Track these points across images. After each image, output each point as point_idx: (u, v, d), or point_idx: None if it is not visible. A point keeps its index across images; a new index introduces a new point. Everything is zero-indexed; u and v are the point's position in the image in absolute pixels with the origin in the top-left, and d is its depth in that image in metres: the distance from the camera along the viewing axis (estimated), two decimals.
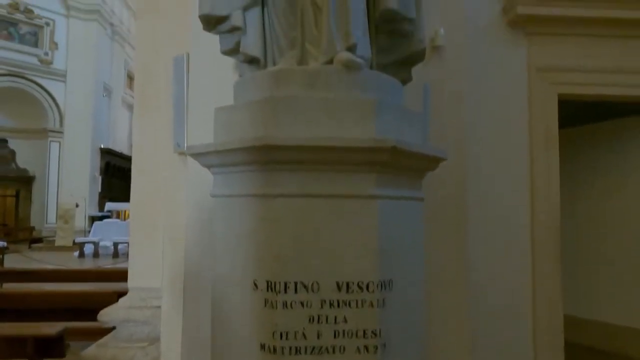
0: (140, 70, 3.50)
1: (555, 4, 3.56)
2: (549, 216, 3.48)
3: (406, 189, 1.77)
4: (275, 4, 1.91)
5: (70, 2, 15.75)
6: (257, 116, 1.63)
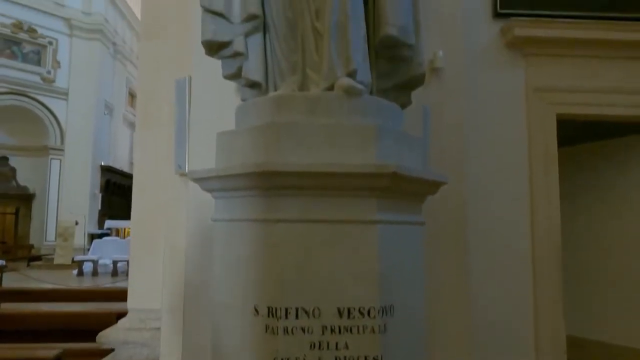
0: (143, 92, 3.54)
1: (552, 26, 3.61)
2: (549, 236, 3.48)
3: (407, 214, 1.78)
4: (277, 30, 1.94)
5: (73, 22, 15.95)
6: (259, 142, 1.64)
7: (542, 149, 3.57)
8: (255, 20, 1.94)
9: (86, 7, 16.39)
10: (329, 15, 1.73)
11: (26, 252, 15.22)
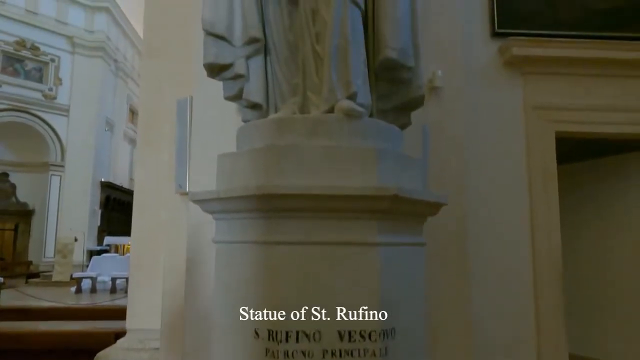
0: (144, 111, 3.56)
1: (550, 45, 3.65)
2: (550, 254, 3.47)
3: (407, 235, 1.78)
4: (278, 53, 1.97)
5: (76, 39, 16.11)
6: (259, 164, 1.65)
7: (541, 167, 3.58)
8: (257, 43, 1.97)
9: (89, 25, 16.58)
10: (330, 39, 1.76)
11: (24, 269, 15.13)
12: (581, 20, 3.80)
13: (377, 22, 1.92)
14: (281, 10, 1.97)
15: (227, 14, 1.95)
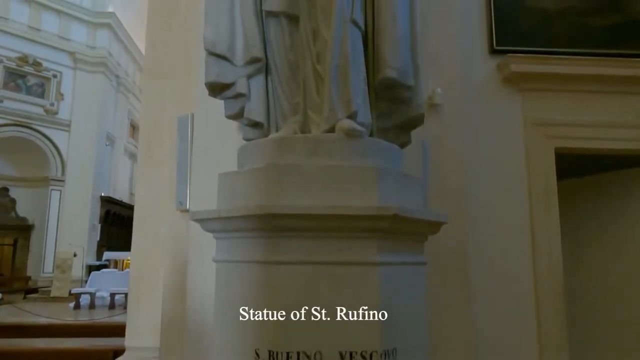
0: (145, 128, 3.58)
1: (548, 62, 3.68)
2: (551, 271, 3.45)
3: (408, 255, 1.77)
4: (279, 72, 1.99)
5: (78, 55, 16.26)
6: (260, 183, 1.65)
7: (541, 183, 3.59)
8: (258, 62, 1.99)
9: (91, 41, 16.75)
10: (330, 58, 1.77)
11: (23, 284, 15.05)
12: (579, 37, 3.84)
13: (377, 42, 1.94)
14: (282, 31, 1.99)
15: (229, 34, 1.97)
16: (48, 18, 15.75)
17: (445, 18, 3.17)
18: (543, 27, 3.82)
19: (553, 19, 3.85)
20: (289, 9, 1.98)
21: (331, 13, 1.80)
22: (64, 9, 15.94)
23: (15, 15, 14.97)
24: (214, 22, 1.98)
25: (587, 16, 3.89)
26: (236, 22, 1.99)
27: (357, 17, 1.88)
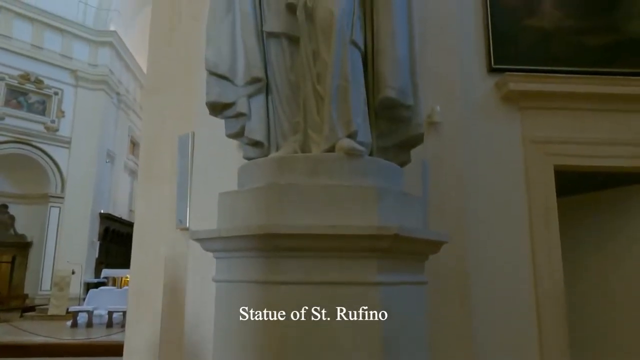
0: (146, 146, 3.59)
1: (546, 80, 3.71)
2: (553, 290, 3.43)
3: (409, 274, 1.77)
4: (279, 92, 2.01)
5: (79, 73, 16.39)
6: (261, 203, 1.65)
7: (541, 200, 3.59)
8: (259, 82, 2.01)
9: (92, 59, 16.90)
10: (330, 79, 1.79)
11: (20, 303, 14.90)
12: (576, 56, 3.88)
13: (376, 62, 1.97)
14: (283, 51, 2.02)
15: (230, 55, 2.00)
16: (51, 36, 15.91)
17: (443, 37, 3.21)
18: (540, 46, 3.86)
19: (550, 38, 3.90)
20: (289, 30, 2.01)
21: (331, 34, 1.82)
22: (67, 27, 16.12)
23: (18, 34, 15.13)
24: (216, 43, 2.01)
25: (584, 35, 3.94)
26: (237, 43, 2.02)
27: (357, 38, 1.90)
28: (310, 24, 1.91)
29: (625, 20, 3.94)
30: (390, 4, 1.96)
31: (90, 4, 16.65)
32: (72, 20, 16.23)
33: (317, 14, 1.87)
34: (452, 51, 3.25)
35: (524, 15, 3.89)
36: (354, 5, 1.92)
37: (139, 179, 3.62)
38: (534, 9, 3.92)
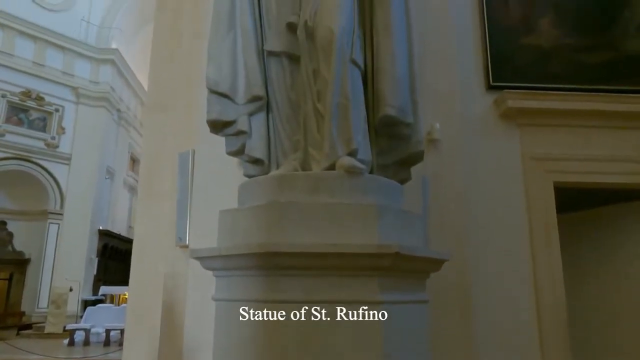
0: (146, 163, 3.59)
1: (544, 98, 3.74)
2: (554, 307, 3.40)
3: (410, 293, 1.75)
4: (280, 110, 2.02)
5: (81, 90, 16.49)
6: (261, 221, 1.65)
7: (542, 216, 3.58)
8: (259, 101, 2.02)
9: (94, 76, 17.02)
10: (330, 97, 1.80)
11: (17, 320, 14.73)
12: (573, 73, 3.92)
13: (376, 80, 1.98)
14: (283, 70, 2.04)
15: (231, 73, 2.02)
16: (53, 54, 16.04)
17: (442, 55, 3.24)
18: (538, 64, 3.90)
19: (548, 56, 3.94)
20: (290, 49, 2.03)
21: (331, 53, 1.84)
22: (69, 45, 16.26)
23: (20, 51, 15.25)
24: (217, 61, 2.02)
25: (582, 53, 3.98)
26: (238, 61, 2.04)
27: (357, 57, 1.92)
28: (311, 43, 1.93)
29: (622, 38, 3.99)
30: (389, 23, 1.98)
31: (93, 23, 16.83)
32: (75, 38, 16.40)
33: (318, 33, 1.89)
34: (451, 69, 3.27)
35: (522, 34, 3.94)
36: (354, 24, 1.95)
37: (139, 196, 3.62)
38: (532, 28, 3.97)
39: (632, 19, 4.02)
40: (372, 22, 2.04)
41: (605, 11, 4.02)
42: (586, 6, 4.00)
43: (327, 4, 1.93)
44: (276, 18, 2.07)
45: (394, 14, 2.00)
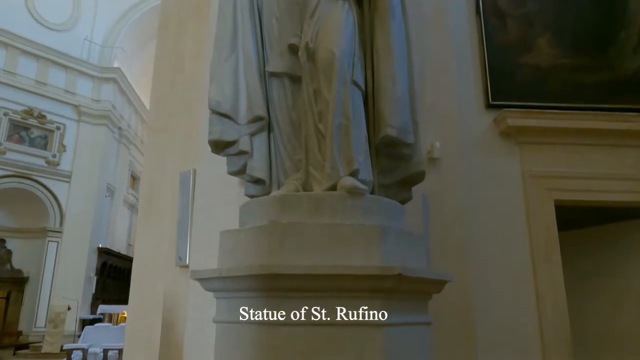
0: (147, 182, 3.60)
1: (543, 116, 3.76)
2: (557, 325, 3.37)
3: (412, 314, 1.73)
4: (281, 131, 2.04)
5: (82, 108, 16.59)
6: (263, 242, 1.64)
7: (543, 234, 3.57)
8: (261, 121, 2.04)
9: (95, 94, 17.12)
10: (332, 118, 1.81)
11: (14, 340, 14.55)
12: (571, 92, 3.95)
13: (377, 100, 2.00)
14: (285, 91, 2.06)
15: (233, 94, 2.03)
16: (55, 73, 16.16)
17: (441, 74, 3.27)
18: (537, 83, 3.94)
19: (546, 75, 3.98)
20: (291, 70, 2.05)
21: (332, 74, 1.86)
22: (71, 64, 16.41)
23: (22, 70, 15.37)
24: (219, 82, 2.04)
25: (579, 72, 4.03)
26: (240, 82, 2.06)
27: (358, 77, 1.94)
28: (312, 64, 1.95)
29: (618, 58, 4.04)
30: (390, 45, 2.01)
31: (95, 42, 17.02)
32: (77, 57, 16.55)
33: (319, 55, 1.92)
34: (450, 88, 3.30)
35: (520, 53, 3.99)
36: (355, 46, 1.97)
37: (139, 215, 3.61)
38: (530, 47, 4.02)
39: (628, 39, 4.07)
40: (373, 43, 2.06)
41: (601, 32, 4.08)
42: (583, 27, 4.06)
43: (328, 26, 1.96)
44: (278, 40, 2.10)
45: (393, 35, 2.02)
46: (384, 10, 2.03)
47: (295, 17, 2.09)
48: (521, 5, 4.07)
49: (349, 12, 2.00)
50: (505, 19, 4.01)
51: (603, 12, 4.13)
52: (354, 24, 2.00)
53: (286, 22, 2.09)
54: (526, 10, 4.06)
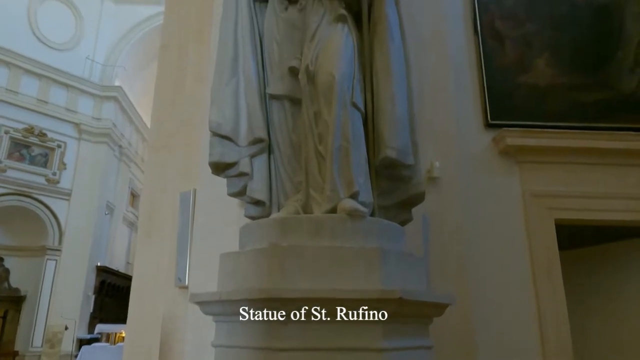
0: (147, 202, 3.59)
1: (542, 135, 3.78)
2: (560, 346, 3.33)
3: (414, 338, 1.71)
4: (282, 152, 2.04)
5: (83, 126, 16.66)
6: (262, 265, 1.63)
7: (544, 253, 3.56)
8: (261, 143, 2.05)
9: (96, 113, 17.21)
10: (332, 140, 1.82)
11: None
12: (570, 111, 3.98)
13: (376, 122, 2.01)
14: (285, 113, 2.07)
15: (233, 116, 2.04)
16: (56, 91, 16.26)
17: (440, 94, 3.30)
18: (535, 102, 3.97)
19: (544, 94, 4.01)
20: (291, 93, 2.07)
21: (332, 97, 1.87)
22: (73, 83, 16.53)
23: (24, 89, 15.48)
24: (220, 105, 2.05)
25: (577, 91, 4.06)
26: (240, 104, 2.07)
27: (357, 100, 1.95)
28: (312, 87, 1.97)
29: (616, 78, 4.07)
30: (389, 67, 2.03)
31: (97, 61, 17.19)
32: (79, 76, 16.68)
33: (319, 78, 1.93)
34: (449, 107, 3.33)
35: (518, 73, 4.02)
36: (354, 68, 1.99)
37: (138, 234, 3.60)
38: (528, 67, 4.06)
39: (625, 59, 4.12)
40: (372, 65, 2.09)
41: (599, 52, 4.12)
42: (580, 47, 4.11)
43: (328, 49, 1.98)
44: (278, 62, 2.12)
45: (393, 57, 2.04)
46: (383, 33, 2.05)
47: (296, 41, 2.11)
48: (519, 26, 4.12)
49: (349, 35, 2.02)
50: (504, 40, 4.06)
51: (600, 32, 4.18)
52: (354, 47, 2.02)
53: (287, 45, 2.12)
54: (524, 31, 4.11)
